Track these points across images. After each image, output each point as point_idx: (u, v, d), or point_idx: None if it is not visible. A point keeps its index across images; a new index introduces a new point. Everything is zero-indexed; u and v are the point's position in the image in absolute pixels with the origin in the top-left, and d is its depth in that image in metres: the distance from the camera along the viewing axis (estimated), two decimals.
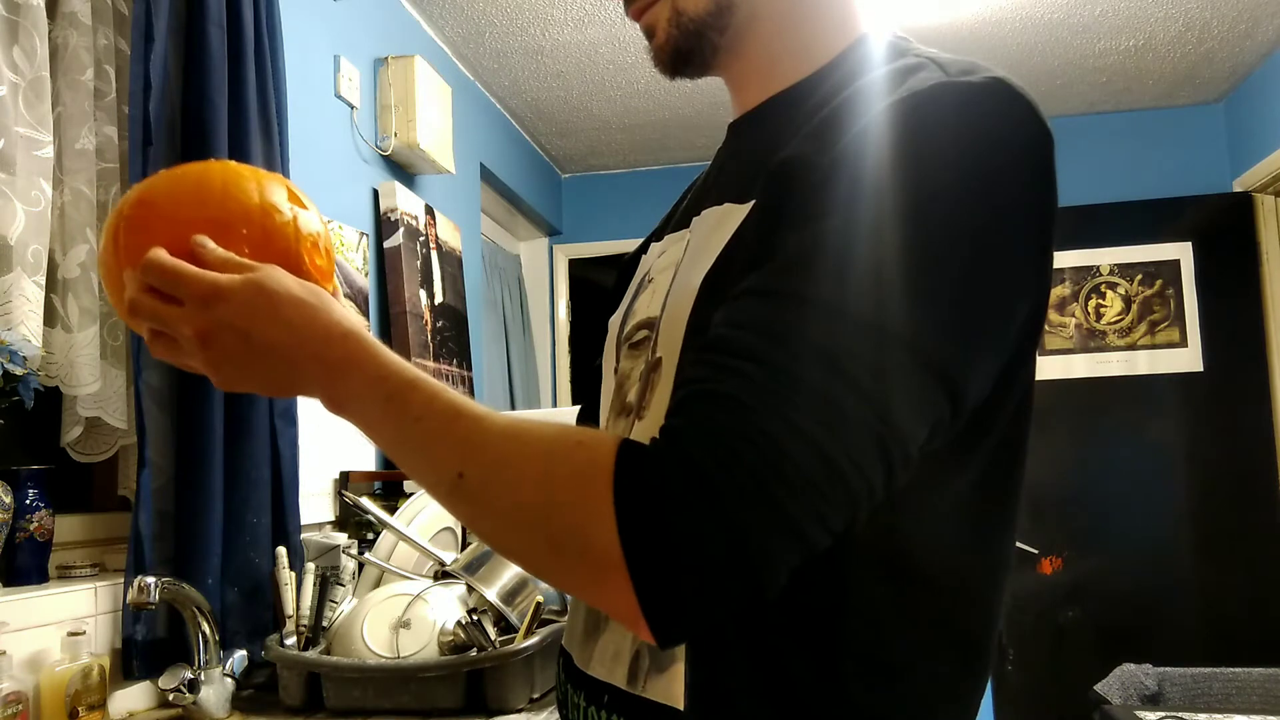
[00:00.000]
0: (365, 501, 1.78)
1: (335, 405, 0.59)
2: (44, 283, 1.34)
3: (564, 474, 0.51)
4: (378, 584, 1.69)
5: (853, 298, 0.50)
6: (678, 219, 0.77)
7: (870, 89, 0.59)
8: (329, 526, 2.01)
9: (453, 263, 2.78)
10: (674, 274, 0.68)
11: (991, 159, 0.53)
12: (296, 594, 1.56)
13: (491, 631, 1.44)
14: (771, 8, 0.69)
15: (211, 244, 0.62)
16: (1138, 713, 2.20)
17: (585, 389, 0.89)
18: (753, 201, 0.62)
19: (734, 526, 0.47)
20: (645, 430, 0.65)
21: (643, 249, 0.83)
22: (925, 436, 0.52)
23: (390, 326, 2.37)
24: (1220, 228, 3.42)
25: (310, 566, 1.58)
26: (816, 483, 0.48)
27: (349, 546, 1.64)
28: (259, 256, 0.63)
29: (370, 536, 1.90)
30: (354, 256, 2.20)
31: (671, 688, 0.60)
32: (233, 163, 0.68)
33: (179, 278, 0.59)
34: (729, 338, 0.52)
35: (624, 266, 0.87)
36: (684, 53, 0.71)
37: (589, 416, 0.88)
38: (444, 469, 0.54)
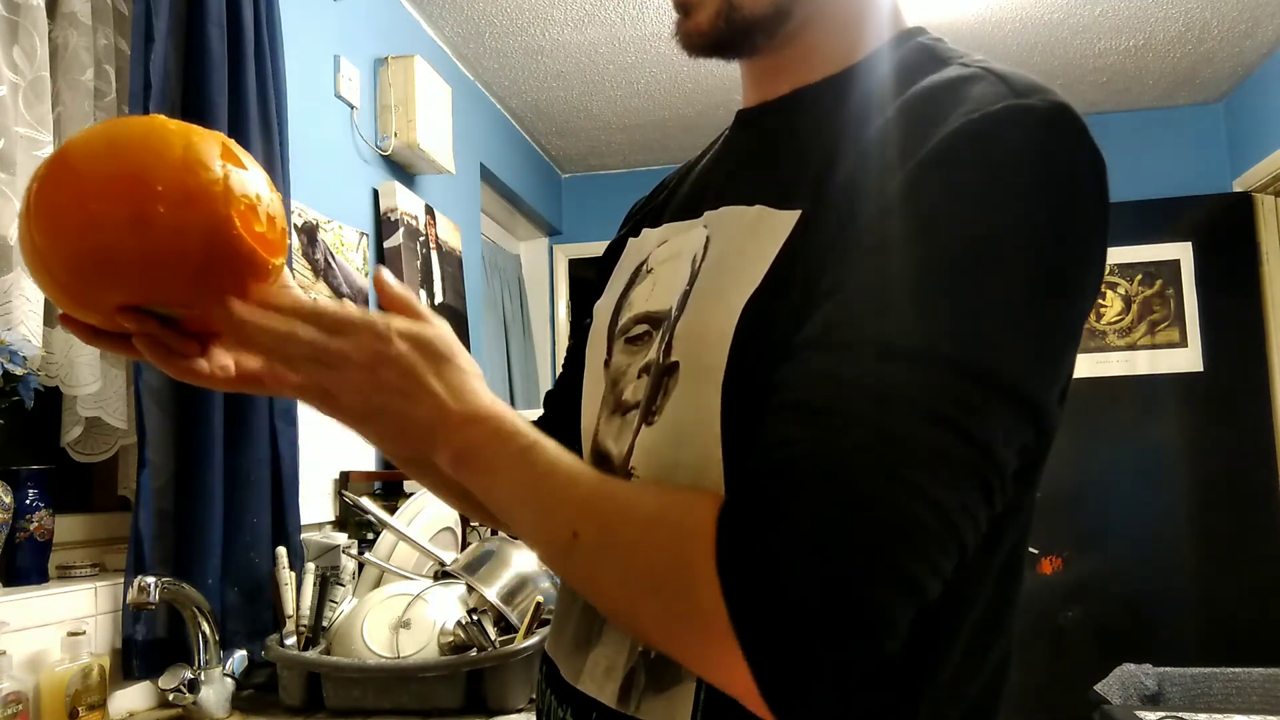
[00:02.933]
0: (365, 501, 1.78)
1: (462, 455, 0.57)
2: None
3: (675, 545, 0.50)
4: (378, 584, 1.69)
5: (938, 338, 0.48)
6: (679, 207, 0.73)
7: (929, 100, 0.56)
8: (329, 526, 2.01)
9: (453, 263, 2.78)
10: (690, 271, 0.65)
11: (1065, 192, 0.52)
12: (296, 594, 1.56)
13: (491, 631, 1.44)
14: (825, 14, 0.67)
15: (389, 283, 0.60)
16: (1138, 713, 2.20)
17: (565, 380, 0.85)
18: (799, 211, 0.59)
19: (854, 594, 0.45)
20: (659, 436, 0.62)
21: (632, 232, 0.78)
22: (1016, 466, 0.51)
23: None
24: (1220, 228, 3.42)
25: (310, 566, 1.58)
26: (933, 536, 0.46)
27: (349, 546, 1.64)
28: (179, 218, 0.56)
29: (370, 536, 1.90)
30: (354, 256, 2.20)
31: (672, 710, 0.58)
32: (165, 118, 0.60)
33: (350, 317, 0.57)
34: (817, 394, 0.50)
35: (609, 251, 0.83)
36: (723, 46, 0.68)
37: (559, 403, 0.84)
38: (560, 529, 0.54)
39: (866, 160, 0.56)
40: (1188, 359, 3.39)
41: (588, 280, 0.87)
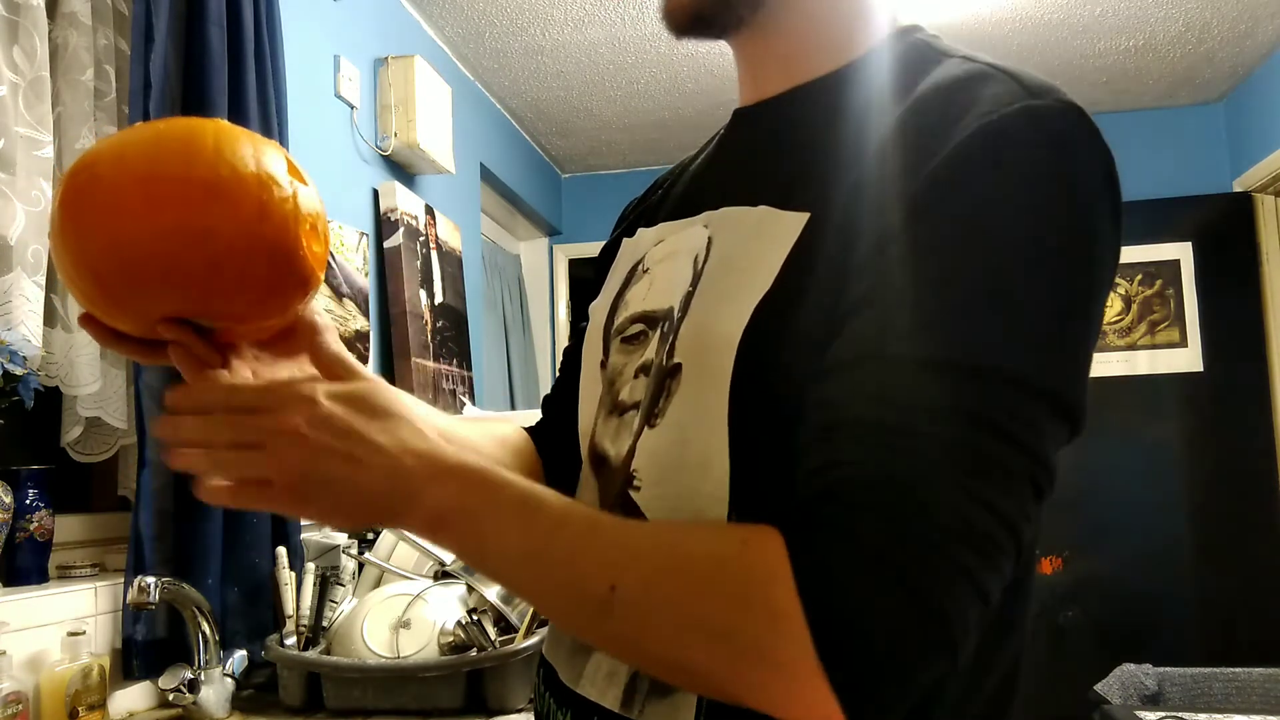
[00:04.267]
0: None
1: (442, 517, 0.51)
2: (44, 283, 1.35)
3: (745, 585, 0.47)
4: (378, 584, 1.69)
5: (981, 348, 0.49)
6: (675, 207, 0.72)
7: (942, 100, 0.56)
8: (329, 527, 2.01)
9: (453, 263, 2.78)
10: (692, 272, 0.63)
11: (1086, 196, 0.53)
12: (296, 594, 1.56)
13: (491, 631, 1.44)
14: None
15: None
16: (1138, 713, 2.20)
17: (562, 383, 0.84)
18: (806, 214, 0.58)
19: (937, 612, 0.46)
20: (662, 438, 0.61)
21: (627, 232, 0.77)
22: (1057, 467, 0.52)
23: (390, 326, 2.37)
24: (1220, 228, 3.42)
25: (310, 566, 1.58)
26: (999, 543, 0.47)
27: (349, 546, 1.64)
28: (253, 235, 0.54)
29: (370, 536, 1.89)
30: (354, 256, 2.20)
31: (675, 714, 0.57)
32: (222, 121, 0.57)
33: (275, 387, 0.53)
34: (869, 412, 0.49)
35: (604, 252, 0.82)
36: (705, 18, 0.67)
37: (557, 407, 0.84)
38: (590, 583, 0.49)
39: (881, 164, 0.56)
40: (1188, 359, 3.39)
41: (588, 280, 0.86)
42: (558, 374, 0.87)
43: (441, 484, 0.51)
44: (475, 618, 1.42)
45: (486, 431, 0.81)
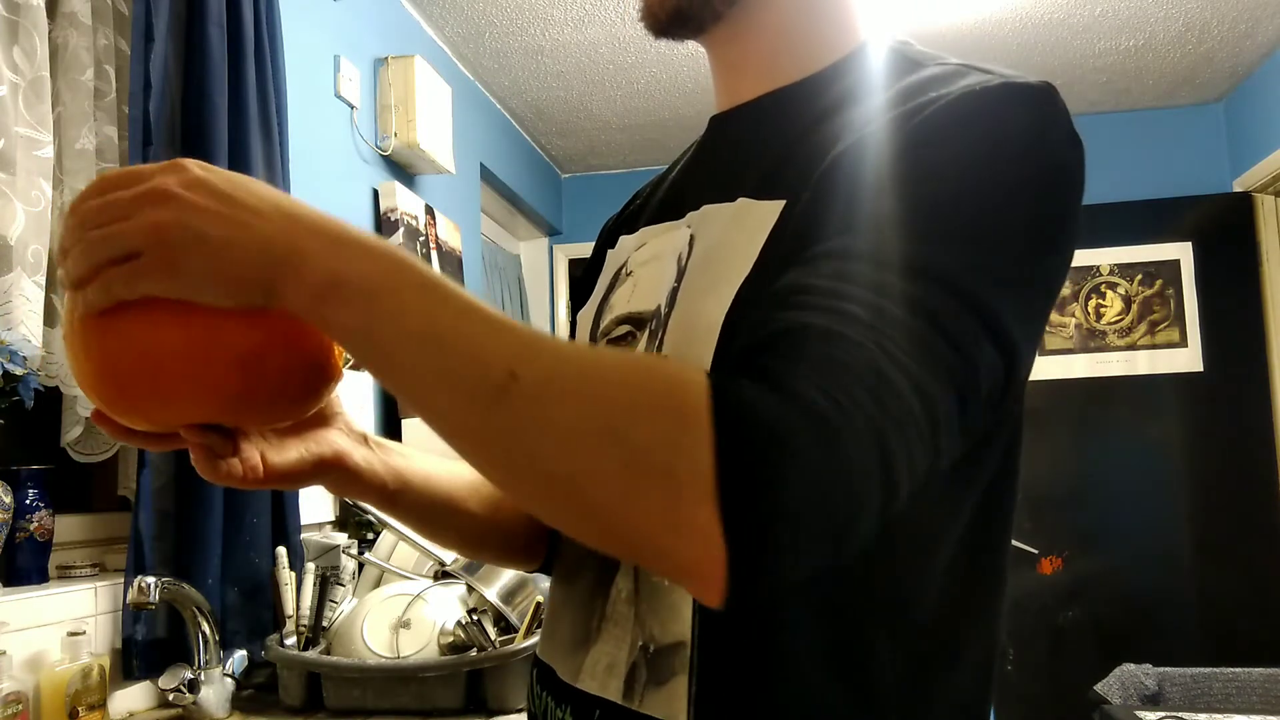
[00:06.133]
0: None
1: (329, 287, 0.46)
2: (44, 283, 1.34)
3: (653, 388, 0.45)
4: (378, 584, 1.69)
5: (937, 258, 0.50)
6: (655, 211, 0.73)
7: (920, 89, 0.58)
8: (329, 526, 2.01)
9: (453, 263, 2.78)
10: (676, 269, 0.64)
11: (1056, 161, 0.55)
12: (296, 594, 1.56)
13: (491, 631, 1.44)
14: None
15: None
16: (1138, 713, 2.20)
17: None
18: (783, 201, 0.59)
19: (845, 461, 0.44)
20: None
21: (609, 243, 0.78)
22: (985, 401, 0.52)
23: None
24: (1220, 228, 3.42)
25: (310, 566, 1.58)
26: (914, 414, 0.46)
27: (349, 546, 1.64)
28: (289, 350, 0.52)
29: (370, 536, 1.90)
30: None
31: (672, 703, 0.58)
32: None
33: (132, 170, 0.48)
34: (812, 285, 0.50)
35: (588, 267, 0.83)
36: (682, 14, 0.68)
37: None
38: (491, 369, 0.44)
39: (860, 138, 0.57)
40: (1188, 359, 3.39)
41: (577, 293, 0.87)
42: None
43: (335, 252, 0.47)
44: (475, 618, 1.42)
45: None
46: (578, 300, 0.81)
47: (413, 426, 2.20)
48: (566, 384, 0.45)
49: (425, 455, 0.74)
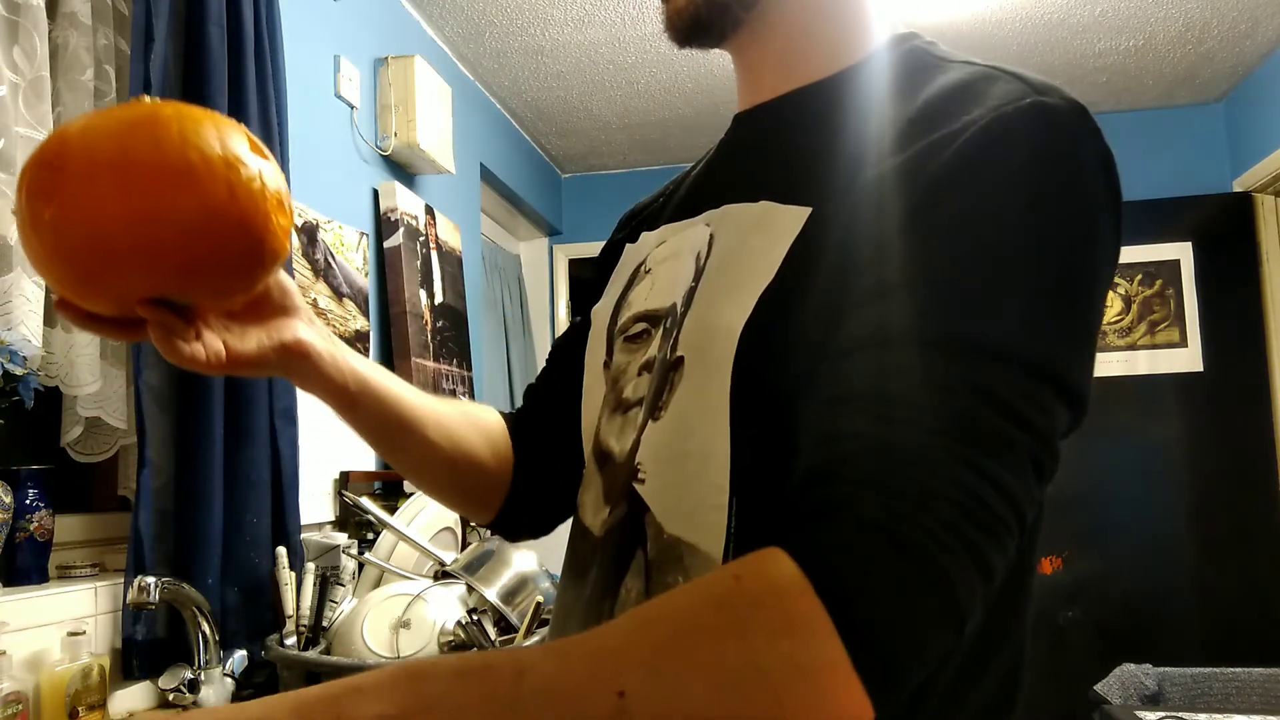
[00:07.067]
0: (365, 501, 1.78)
1: None
2: (44, 283, 1.35)
3: (745, 616, 0.43)
4: (378, 584, 1.69)
5: (989, 331, 0.49)
6: (676, 209, 0.73)
7: (949, 99, 0.56)
8: (329, 526, 2.01)
9: (453, 263, 2.78)
10: (695, 269, 0.64)
11: (1093, 191, 0.54)
12: (296, 594, 1.56)
13: (491, 631, 1.44)
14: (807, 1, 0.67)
15: None
16: (1138, 713, 2.20)
17: (549, 375, 0.85)
18: (809, 209, 0.58)
19: (944, 588, 0.44)
20: (665, 430, 0.62)
21: (629, 237, 0.79)
22: (1058, 453, 0.52)
23: (390, 326, 2.37)
24: (1220, 228, 3.42)
25: (310, 566, 1.58)
26: (1003, 520, 0.47)
27: (349, 546, 1.64)
28: (224, 215, 0.55)
29: (370, 536, 1.90)
30: (354, 256, 2.20)
31: None
32: (180, 104, 0.58)
33: None
34: (874, 386, 0.49)
35: (604, 255, 0.83)
36: (703, 23, 0.68)
37: (538, 398, 0.85)
38: (593, 703, 0.42)
39: (886, 163, 0.56)
40: (1188, 359, 3.39)
41: (587, 280, 0.88)
42: (544, 366, 0.88)
43: (367, 697, 0.43)
44: (475, 618, 1.42)
45: (461, 410, 0.82)
46: (579, 298, 0.82)
47: None
48: (675, 664, 0.43)
49: (393, 375, 0.76)
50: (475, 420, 0.82)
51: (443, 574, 1.66)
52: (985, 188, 0.52)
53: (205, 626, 1.43)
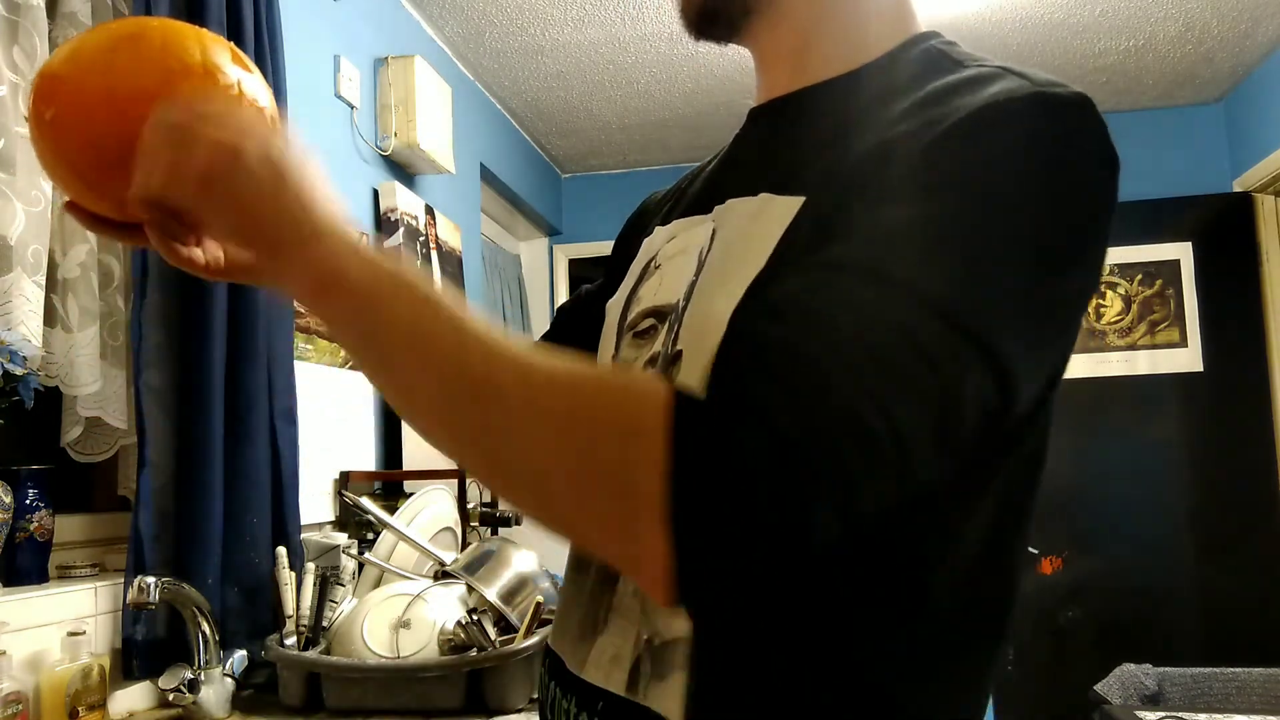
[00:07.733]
0: (365, 501, 1.78)
1: (331, 275, 0.52)
2: (44, 283, 1.34)
3: (614, 402, 0.46)
4: (378, 584, 1.69)
5: (932, 280, 0.48)
6: (689, 204, 0.73)
7: (949, 92, 0.56)
8: (329, 526, 2.01)
9: (453, 263, 2.78)
10: (697, 263, 0.64)
11: (1086, 179, 0.53)
12: (296, 594, 1.56)
13: (491, 631, 1.44)
14: None
15: None
16: (1138, 713, 2.20)
17: (554, 329, 0.89)
18: (802, 198, 0.59)
19: (799, 487, 0.44)
20: None
21: (645, 232, 0.79)
22: (974, 425, 0.50)
23: None
24: (1220, 228, 3.42)
25: (310, 566, 1.58)
26: (885, 454, 0.46)
27: (349, 546, 1.64)
28: None
29: (370, 536, 1.89)
30: None
31: (671, 698, 0.57)
32: (169, 20, 0.63)
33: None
34: (804, 296, 0.49)
35: (616, 248, 0.84)
36: (711, 12, 0.68)
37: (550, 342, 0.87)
38: (475, 367, 0.48)
39: (882, 144, 0.56)
40: (1188, 359, 3.39)
41: (588, 279, 0.89)
42: (550, 325, 0.92)
43: (348, 255, 0.52)
44: (475, 618, 1.42)
45: None
46: (604, 276, 0.83)
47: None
48: (534, 393, 0.47)
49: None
50: None
51: (443, 574, 1.66)
52: (974, 158, 0.51)
53: (205, 626, 1.43)
